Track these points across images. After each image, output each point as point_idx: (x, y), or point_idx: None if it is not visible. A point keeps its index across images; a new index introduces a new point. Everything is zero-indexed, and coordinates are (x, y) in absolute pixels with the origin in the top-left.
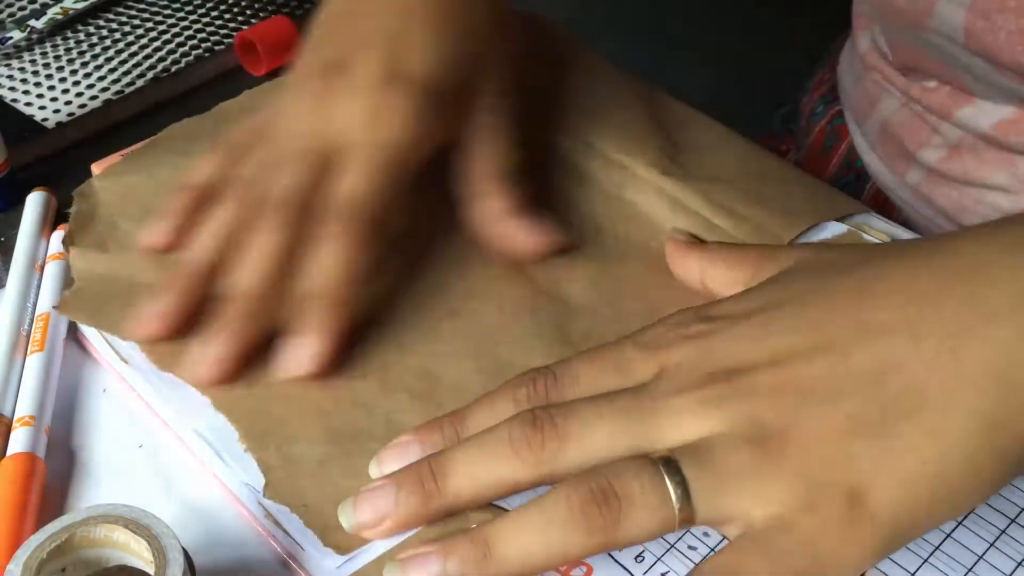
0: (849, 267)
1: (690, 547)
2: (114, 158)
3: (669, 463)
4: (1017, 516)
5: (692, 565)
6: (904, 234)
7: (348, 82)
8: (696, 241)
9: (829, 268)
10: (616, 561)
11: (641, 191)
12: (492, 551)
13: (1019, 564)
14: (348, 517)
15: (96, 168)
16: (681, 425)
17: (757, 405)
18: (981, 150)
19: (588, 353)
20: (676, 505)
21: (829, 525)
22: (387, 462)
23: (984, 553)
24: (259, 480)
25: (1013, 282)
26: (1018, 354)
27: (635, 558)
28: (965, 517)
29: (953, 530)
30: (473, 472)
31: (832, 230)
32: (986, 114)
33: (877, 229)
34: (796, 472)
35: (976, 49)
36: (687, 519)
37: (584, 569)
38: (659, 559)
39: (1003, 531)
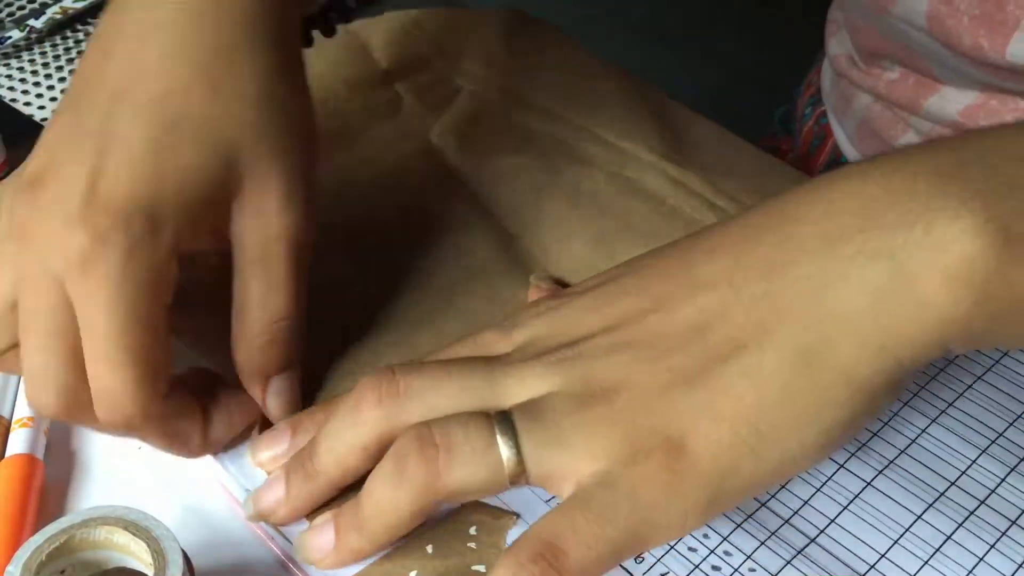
0: (683, 239)
1: (690, 548)
2: None
3: (503, 417)
4: (1018, 518)
5: (692, 566)
6: None
7: (45, 211)
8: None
9: (669, 244)
10: None
11: (643, 170)
12: (360, 510)
13: (1020, 566)
14: (248, 509)
15: None
16: (522, 387)
17: (591, 366)
18: None
19: (451, 341)
20: (505, 456)
21: (650, 475)
22: (260, 449)
23: (984, 555)
24: (263, 481)
25: (818, 223)
26: (827, 286)
27: (635, 559)
28: (965, 519)
29: (954, 532)
30: (331, 445)
31: None
32: (952, 101)
33: None
34: (620, 426)
35: (937, 34)
36: (518, 473)
37: None
38: (659, 560)
39: (1004, 533)
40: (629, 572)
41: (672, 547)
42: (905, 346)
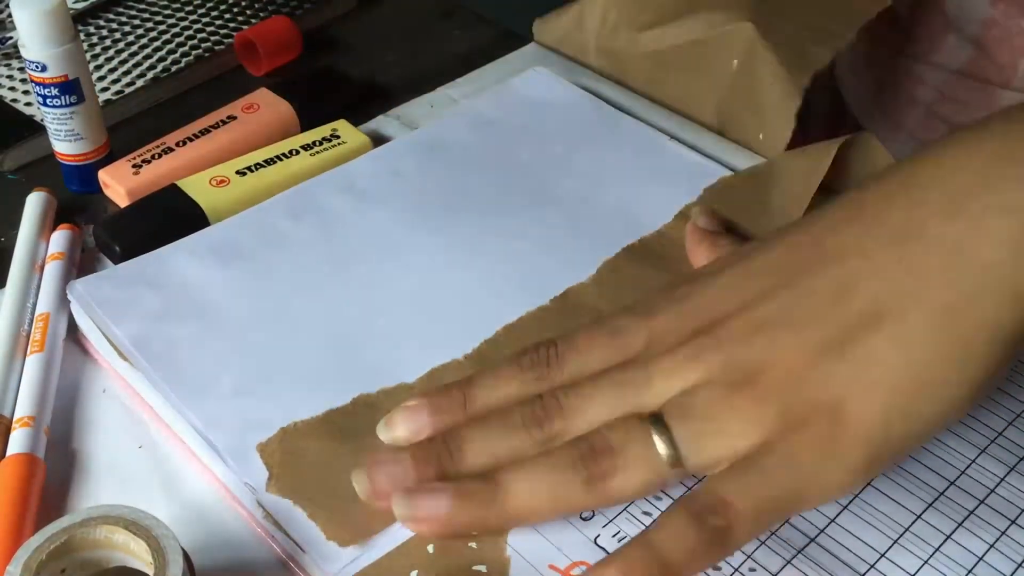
0: (803, 219)
1: None
2: (120, 164)
3: (656, 418)
4: (1017, 517)
5: None
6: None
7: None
8: (710, 233)
9: (791, 224)
10: None
11: None
12: (501, 494)
13: (1019, 565)
14: (362, 484)
15: (105, 176)
16: (669, 384)
17: (732, 350)
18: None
19: (586, 325)
20: (664, 454)
21: (811, 442)
22: (397, 425)
23: (984, 554)
24: (262, 476)
25: (943, 184)
26: (962, 244)
27: None
28: (965, 519)
29: (953, 531)
30: (490, 448)
31: None
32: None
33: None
34: (773, 402)
35: None
36: (677, 466)
37: (584, 569)
38: None
39: (1003, 532)
40: None
41: None
42: None
